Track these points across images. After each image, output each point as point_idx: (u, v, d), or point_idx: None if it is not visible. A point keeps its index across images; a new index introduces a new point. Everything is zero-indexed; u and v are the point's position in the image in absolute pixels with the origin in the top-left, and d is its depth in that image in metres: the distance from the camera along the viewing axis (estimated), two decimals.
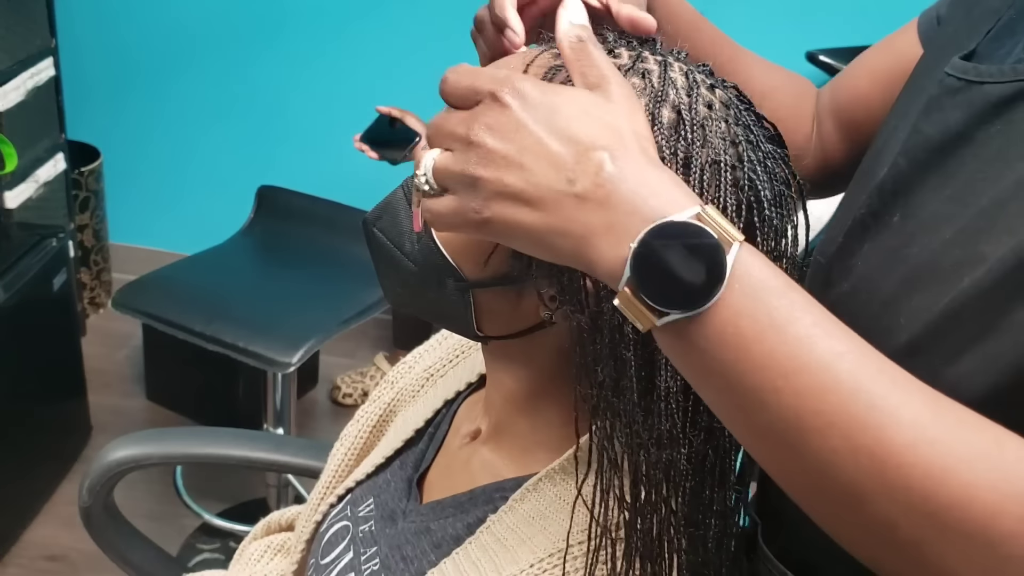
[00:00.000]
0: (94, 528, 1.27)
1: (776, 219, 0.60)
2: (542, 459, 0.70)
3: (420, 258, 0.67)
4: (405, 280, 0.70)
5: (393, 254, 0.69)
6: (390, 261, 0.70)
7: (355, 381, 2.71)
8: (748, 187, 0.59)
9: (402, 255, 0.69)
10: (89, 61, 2.81)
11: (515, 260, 0.62)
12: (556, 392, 0.69)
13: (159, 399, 2.62)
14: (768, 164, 0.61)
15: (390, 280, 0.72)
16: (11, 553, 2.14)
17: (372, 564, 0.77)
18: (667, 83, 0.59)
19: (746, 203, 0.59)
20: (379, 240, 0.71)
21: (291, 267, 2.21)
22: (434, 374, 0.90)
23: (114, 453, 1.23)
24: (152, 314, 2.00)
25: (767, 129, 0.63)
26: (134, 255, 3.00)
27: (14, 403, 2.14)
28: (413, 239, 0.67)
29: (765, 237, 0.60)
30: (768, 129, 0.63)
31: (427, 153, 0.55)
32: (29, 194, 2.44)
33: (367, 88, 2.71)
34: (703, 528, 0.62)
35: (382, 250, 0.71)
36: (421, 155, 0.56)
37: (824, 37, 2.50)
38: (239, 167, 2.90)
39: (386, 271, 0.72)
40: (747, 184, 0.59)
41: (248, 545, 1.07)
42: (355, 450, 0.92)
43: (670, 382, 0.57)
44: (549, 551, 0.64)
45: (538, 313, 0.64)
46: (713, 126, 0.59)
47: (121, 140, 2.90)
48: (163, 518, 2.22)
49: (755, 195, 0.59)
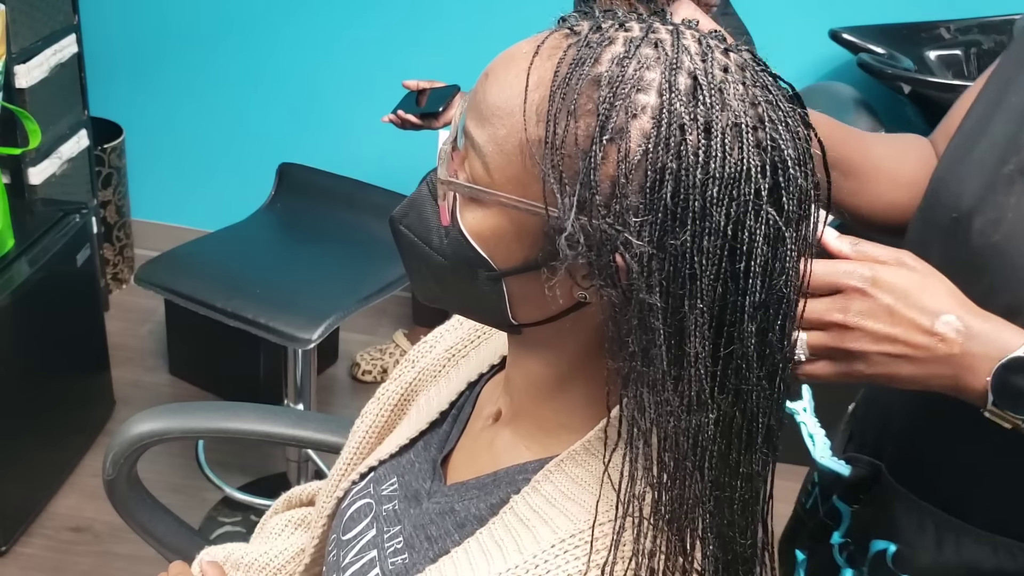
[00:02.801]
0: (117, 500, 1.28)
1: (801, 178, 0.60)
2: (565, 440, 0.71)
3: (450, 251, 0.67)
4: (436, 275, 0.70)
5: (422, 250, 0.69)
6: (420, 257, 0.70)
7: (374, 358, 2.72)
8: (772, 147, 0.59)
9: (431, 250, 0.68)
10: (111, 38, 2.82)
11: (545, 242, 0.63)
12: (582, 375, 0.70)
13: (181, 374, 2.65)
14: (789, 123, 0.60)
15: (421, 275, 0.72)
16: (36, 524, 2.17)
17: (395, 542, 0.77)
18: (680, 50, 0.59)
19: (771, 164, 0.59)
20: (407, 237, 0.71)
21: (312, 244, 2.22)
22: (456, 354, 0.90)
23: (137, 427, 1.24)
24: (174, 290, 2.01)
25: (786, 88, 0.63)
26: (156, 231, 3.02)
27: (39, 377, 2.16)
28: (441, 233, 0.67)
29: (790, 197, 0.59)
30: (787, 88, 0.63)
31: (799, 333, 0.72)
32: (53, 171, 2.46)
33: (389, 66, 2.71)
34: (729, 490, 0.62)
35: (411, 247, 0.70)
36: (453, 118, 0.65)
37: (847, 15, 2.48)
38: (260, 144, 2.91)
39: (416, 267, 0.71)
40: (770, 144, 0.59)
41: (269, 519, 1.08)
42: (376, 428, 0.93)
43: (699, 348, 0.58)
44: (571, 531, 0.65)
45: (571, 294, 0.64)
46: (731, 88, 0.59)
47: (143, 117, 2.92)
48: (185, 491, 2.24)
49: (779, 155, 0.59)
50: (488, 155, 0.63)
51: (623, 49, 0.60)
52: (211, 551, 1.03)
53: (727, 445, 0.61)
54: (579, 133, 0.59)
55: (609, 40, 0.60)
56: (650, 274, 0.57)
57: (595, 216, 0.58)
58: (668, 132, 0.57)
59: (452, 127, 0.68)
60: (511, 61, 0.64)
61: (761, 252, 0.58)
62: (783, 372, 0.63)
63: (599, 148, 0.58)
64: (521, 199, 0.62)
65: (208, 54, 2.84)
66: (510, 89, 0.62)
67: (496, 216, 0.64)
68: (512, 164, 0.62)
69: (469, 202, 0.65)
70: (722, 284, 0.58)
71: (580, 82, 0.59)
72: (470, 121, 0.65)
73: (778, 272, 0.59)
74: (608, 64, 0.59)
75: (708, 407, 0.59)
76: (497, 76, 0.64)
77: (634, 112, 0.58)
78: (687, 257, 0.57)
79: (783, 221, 0.59)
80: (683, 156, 0.57)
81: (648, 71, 0.59)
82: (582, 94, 0.59)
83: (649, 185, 0.57)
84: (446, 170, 0.67)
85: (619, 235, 0.57)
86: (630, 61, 0.59)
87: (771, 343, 0.61)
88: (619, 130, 0.58)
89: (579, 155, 0.59)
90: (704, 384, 0.59)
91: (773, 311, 0.60)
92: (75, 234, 2.24)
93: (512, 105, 0.62)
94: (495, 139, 0.63)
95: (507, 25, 2.31)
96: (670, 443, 0.60)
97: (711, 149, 0.57)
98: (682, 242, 0.57)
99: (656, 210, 0.57)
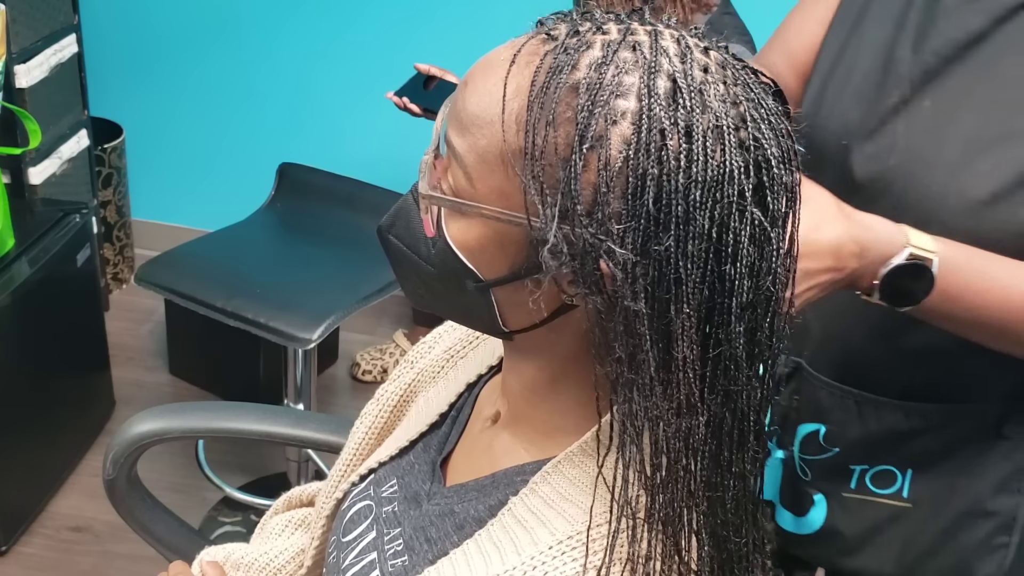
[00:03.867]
0: (118, 500, 1.29)
1: (786, 176, 0.60)
2: (561, 442, 0.71)
3: (437, 261, 0.67)
4: (426, 283, 0.70)
5: (411, 259, 0.69)
6: (409, 265, 0.70)
7: (374, 358, 2.72)
8: (755, 147, 0.58)
9: (419, 259, 0.68)
10: (112, 38, 2.82)
11: (530, 251, 0.62)
12: (575, 377, 0.69)
13: (181, 374, 2.65)
14: (772, 121, 0.60)
15: (411, 283, 0.72)
16: (36, 523, 2.17)
17: (396, 544, 0.77)
18: (659, 52, 0.59)
19: (754, 163, 0.58)
20: (395, 246, 0.70)
21: (312, 244, 2.22)
22: (454, 355, 0.90)
23: (137, 427, 1.25)
24: (174, 290, 2.01)
25: (767, 85, 0.62)
26: (156, 231, 3.02)
27: (39, 377, 2.16)
28: (428, 243, 0.67)
29: (775, 196, 0.59)
30: (769, 85, 0.63)
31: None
32: (53, 170, 2.46)
33: (389, 66, 2.70)
34: (721, 490, 0.62)
35: (400, 255, 0.70)
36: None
37: None
38: (261, 144, 2.91)
39: (406, 274, 0.71)
40: (752, 144, 0.58)
41: (270, 519, 1.08)
42: (375, 429, 0.93)
43: (687, 352, 0.58)
44: (568, 533, 0.65)
45: (559, 298, 0.64)
46: (711, 89, 0.58)
47: (143, 117, 2.92)
48: (185, 491, 2.25)
49: (762, 154, 0.58)
50: (469, 165, 0.63)
51: (601, 53, 0.59)
52: (211, 551, 1.03)
53: (718, 445, 0.61)
54: (559, 142, 0.58)
55: (587, 45, 0.60)
56: (635, 281, 0.57)
57: (577, 225, 0.58)
58: (648, 138, 0.56)
59: (434, 135, 0.68)
60: (488, 69, 0.63)
61: (747, 253, 0.58)
62: (772, 369, 0.63)
63: (579, 157, 0.57)
64: (503, 211, 0.62)
65: (208, 54, 2.84)
66: (488, 98, 0.62)
67: (480, 227, 0.64)
68: (494, 174, 0.62)
69: (453, 213, 0.65)
70: (708, 287, 0.58)
71: (558, 90, 0.58)
72: (451, 130, 0.65)
73: (765, 272, 0.59)
74: (586, 70, 0.58)
75: (698, 410, 0.59)
76: (475, 85, 0.63)
77: (614, 118, 0.57)
78: (672, 262, 0.57)
79: (768, 220, 0.58)
80: (664, 161, 0.56)
81: (627, 75, 0.58)
82: (560, 102, 0.58)
83: (631, 192, 0.56)
84: (427, 183, 0.66)
85: (602, 243, 0.57)
86: (608, 66, 0.58)
87: (760, 342, 0.61)
88: (599, 137, 0.57)
89: (560, 164, 0.58)
90: (693, 387, 0.58)
91: (761, 310, 0.60)
92: (75, 234, 2.24)
93: (491, 115, 0.61)
94: (476, 149, 0.62)
95: (508, 25, 2.31)
96: (661, 446, 0.60)
97: (692, 153, 0.56)
98: (666, 247, 0.56)
99: (639, 216, 0.56)
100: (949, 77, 0.92)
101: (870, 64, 0.97)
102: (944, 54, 0.92)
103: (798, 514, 1.09)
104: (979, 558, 1.03)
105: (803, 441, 1.06)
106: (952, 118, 0.91)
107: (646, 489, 0.60)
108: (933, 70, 0.93)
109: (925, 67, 0.93)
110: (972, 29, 0.91)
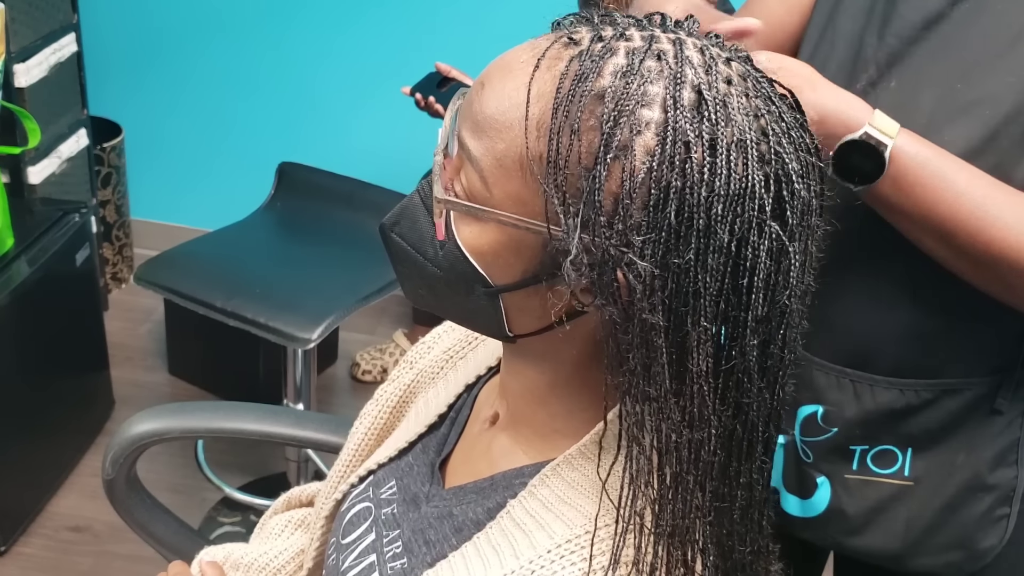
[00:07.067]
0: (117, 500, 1.28)
1: (804, 191, 0.59)
2: (560, 445, 0.70)
3: (445, 264, 0.66)
4: (430, 285, 0.68)
5: (415, 259, 0.68)
6: (412, 265, 0.69)
7: (374, 358, 2.72)
8: (775, 161, 0.58)
9: (425, 260, 0.67)
10: (111, 37, 2.82)
11: (544, 257, 0.62)
12: (577, 381, 0.69)
13: (180, 373, 2.64)
14: (793, 135, 0.60)
15: (413, 283, 0.71)
16: (36, 523, 2.17)
17: (394, 547, 0.77)
18: (684, 62, 0.58)
19: (774, 176, 0.58)
20: (398, 245, 0.69)
21: (311, 244, 2.22)
22: (454, 356, 0.90)
23: (137, 427, 1.24)
24: (173, 289, 2.01)
25: (786, 96, 0.62)
26: (156, 230, 3.02)
27: (38, 377, 2.16)
28: (436, 245, 0.66)
29: (794, 211, 0.59)
30: (787, 96, 0.63)
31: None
32: (52, 170, 2.46)
33: (389, 65, 2.71)
34: (728, 500, 0.62)
35: (403, 255, 0.69)
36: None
37: None
38: (260, 143, 2.91)
39: (408, 274, 0.70)
40: (773, 158, 0.58)
41: (269, 519, 1.08)
42: (375, 430, 0.93)
43: (701, 364, 0.57)
44: (567, 536, 0.65)
45: (568, 304, 0.62)
46: (734, 101, 0.58)
47: (142, 116, 2.92)
48: (185, 491, 2.24)
49: (782, 168, 0.58)
50: (486, 169, 0.62)
51: (625, 61, 0.59)
52: (210, 551, 1.03)
53: (727, 456, 0.61)
54: (582, 151, 0.58)
55: (611, 51, 0.59)
56: (653, 293, 0.57)
57: (598, 235, 0.57)
58: (673, 150, 0.56)
59: (442, 133, 0.67)
60: (508, 71, 0.62)
61: (764, 267, 0.58)
62: (782, 381, 0.62)
63: (603, 167, 0.57)
64: (522, 218, 0.61)
65: (208, 53, 2.84)
66: (508, 102, 0.61)
67: (494, 232, 0.63)
68: (511, 179, 0.61)
69: (465, 216, 0.64)
70: (724, 300, 0.58)
71: (583, 98, 0.58)
72: (464, 130, 0.64)
73: (781, 286, 0.59)
74: (611, 78, 0.58)
75: (710, 422, 0.59)
76: (494, 87, 0.62)
77: (638, 128, 0.57)
78: (691, 275, 0.56)
79: (787, 235, 0.58)
80: (688, 174, 0.56)
81: (651, 85, 0.58)
82: (585, 110, 0.58)
83: (653, 203, 0.56)
84: (441, 185, 0.65)
85: (624, 255, 0.57)
86: (634, 76, 0.58)
87: (772, 355, 0.60)
88: (623, 147, 0.57)
89: (582, 173, 0.58)
90: (706, 399, 0.58)
91: (775, 323, 0.60)
92: (74, 233, 2.24)
93: (511, 119, 0.61)
94: (493, 152, 0.62)
95: (509, 25, 2.31)
96: (670, 457, 0.59)
97: (716, 167, 0.56)
98: (686, 260, 0.56)
99: (660, 228, 0.56)
100: (911, 56, 0.96)
101: (844, 55, 1.02)
102: (905, 35, 0.96)
103: (803, 497, 1.11)
104: (981, 530, 1.05)
105: (803, 423, 1.08)
106: (916, 95, 0.95)
107: (652, 500, 0.60)
108: (896, 52, 0.97)
109: (889, 50, 0.97)
110: (931, 9, 0.95)
